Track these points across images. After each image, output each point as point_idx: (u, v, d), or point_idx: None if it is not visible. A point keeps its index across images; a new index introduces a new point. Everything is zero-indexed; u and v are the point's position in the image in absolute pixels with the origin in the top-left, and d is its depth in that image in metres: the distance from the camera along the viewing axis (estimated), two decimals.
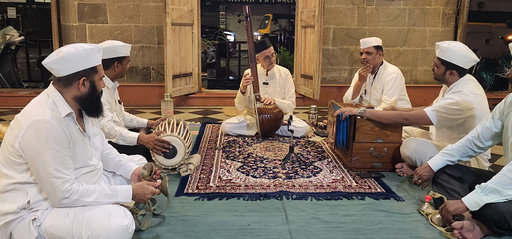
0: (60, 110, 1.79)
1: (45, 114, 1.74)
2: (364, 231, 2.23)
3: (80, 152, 1.88)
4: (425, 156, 2.81)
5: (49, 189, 1.75)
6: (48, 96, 1.82)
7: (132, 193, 1.96)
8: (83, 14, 5.62)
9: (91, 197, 1.82)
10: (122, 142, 2.87)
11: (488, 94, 3.04)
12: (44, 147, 1.71)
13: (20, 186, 1.80)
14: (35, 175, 1.76)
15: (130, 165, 2.25)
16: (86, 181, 1.90)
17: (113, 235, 1.76)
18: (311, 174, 3.06)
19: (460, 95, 2.70)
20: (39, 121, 1.72)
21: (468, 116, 2.70)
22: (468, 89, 2.72)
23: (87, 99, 1.86)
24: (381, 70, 3.78)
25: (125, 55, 2.97)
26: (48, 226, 1.79)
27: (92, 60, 1.83)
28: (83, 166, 1.91)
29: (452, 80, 2.80)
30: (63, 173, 1.75)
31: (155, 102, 5.77)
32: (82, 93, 1.84)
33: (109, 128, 2.83)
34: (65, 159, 1.77)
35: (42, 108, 1.77)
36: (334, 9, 5.87)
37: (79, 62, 1.79)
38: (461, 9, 5.91)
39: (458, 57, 2.71)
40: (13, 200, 1.79)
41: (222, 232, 2.18)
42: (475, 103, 2.69)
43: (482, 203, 2.05)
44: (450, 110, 2.71)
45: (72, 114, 1.84)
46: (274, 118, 3.90)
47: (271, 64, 4.09)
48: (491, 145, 2.43)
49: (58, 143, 1.74)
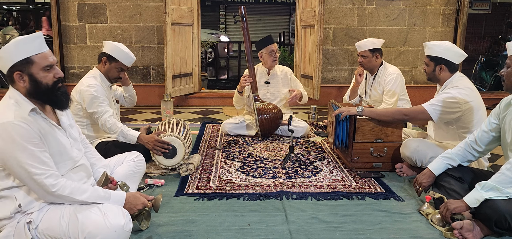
0: (23, 109, 1.74)
1: (7, 116, 1.70)
2: (364, 231, 2.23)
3: (56, 145, 1.83)
4: (426, 156, 2.82)
5: (34, 187, 1.73)
6: (10, 98, 1.77)
7: (125, 199, 1.94)
8: (83, 14, 5.62)
9: (83, 195, 1.81)
10: (123, 139, 2.86)
11: (488, 94, 3.05)
12: (14, 149, 1.67)
13: (6, 193, 1.78)
14: (17, 178, 1.74)
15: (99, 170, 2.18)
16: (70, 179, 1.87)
17: (109, 234, 1.76)
18: (311, 174, 3.06)
19: (457, 90, 2.73)
20: (2, 124, 1.68)
21: (466, 109, 2.71)
22: (463, 84, 2.76)
23: (37, 92, 1.77)
24: (381, 71, 3.78)
25: (117, 58, 2.92)
26: (45, 228, 1.78)
27: (22, 51, 1.71)
28: (64, 160, 1.86)
29: (443, 77, 2.83)
30: (41, 168, 1.71)
31: (155, 102, 5.77)
32: (26, 88, 1.75)
33: (111, 123, 2.82)
34: (40, 154, 1.72)
35: (3, 110, 1.73)
36: (334, 9, 5.87)
37: (9, 56, 1.71)
38: (461, 9, 5.91)
39: (444, 51, 2.77)
40: (3, 208, 1.78)
41: (222, 232, 2.18)
42: (472, 96, 2.72)
43: (481, 198, 2.05)
44: (448, 104, 2.72)
45: (36, 110, 1.78)
46: (274, 118, 3.90)
47: (275, 61, 4.09)
48: (490, 149, 2.43)
49: (27, 141, 1.69)
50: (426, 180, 2.47)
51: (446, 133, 2.89)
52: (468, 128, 2.76)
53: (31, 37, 1.75)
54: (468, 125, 2.75)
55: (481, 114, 2.75)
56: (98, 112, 2.84)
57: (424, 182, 2.47)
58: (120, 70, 2.99)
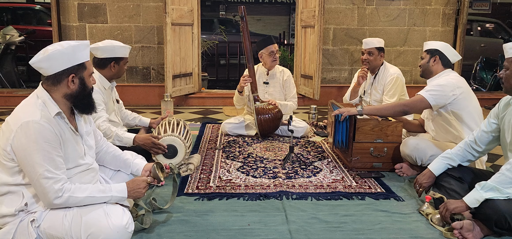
0: (49, 111, 1.77)
1: (34, 115, 1.73)
2: (364, 231, 2.23)
3: (72, 151, 1.86)
4: (425, 153, 2.82)
5: (40, 190, 1.74)
6: (37, 97, 1.80)
7: (126, 188, 1.94)
8: (83, 14, 5.62)
9: (84, 193, 1.81)
10: (118, 142, 2.83)
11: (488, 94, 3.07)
12: (34, 148, 1.70)
13: (15, 189, 1.79)
14: (27, 176, 1.75)
15: (139, 161, 2.27)
16: (79, 180, 1.88)
17: (112, 235, 1.76)
18: (311, 174, 3.06)
19: (447, 77, 2.85)
20: (28, 122, 1.71)
21: (459, 94, 2.77)
22: (452, 75, 2.88)
23: (78, 96, 1.85)
24: (382, 71, 3.78)
25: (123, 56, 2.96)
26: (47, 227, 1.79)
27: (79, 56, 1.81)
28: (76, 165, 1.89)
29: (435, 69, 2.92)
30: (54, 173, 1.73)
31: (155, 102, 5.77)
32: (72, 90, 1.83)
33: (104, 128, 2.81)
34: (56, 159, 1.75)
35: (32, 109, 1.76)
36: (334, 9, 5.87)
37: (66, 59, 1.78)
38: (461, 9, 5.91)
39: (441, 46, 2.92)
40: (9, 203, 1.79)
41: (222, 232, 2.18)
42: (462, 83, 2.82)
43: (481, 199, 2.05)
44: (442, 88, 2.79)
45: (61, 114, 1.82)
46: (273, 119, 3.90)
47: (275, 61, 4.09)
48: (489, 149, 2.43)
49: (48, 143, 1.72)
50: (426, 181, 2.47)
51: (442, 120, 2.89)
52: (462, 115, 2.79)
53: (84, 44, 1.85)
54: (461, 112, 2.79)
55: (474, 105, 2.83)
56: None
57: (424, 183, 2.47)
58: (126, 63, 3.04)
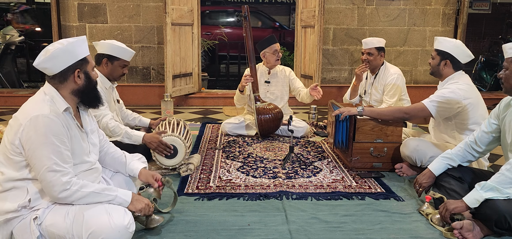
0: (58, 106, 1.81)
1: (44, 109, 1.77)
2: (364, 231, 2.23)
3: (78, 148, 1.89)
4: (425, 155, 2.82)
5: (47, 182, 1.75)
6: (45, 94, 1.84)
7: (132, 197, 1.96)
8: (83, 14, 5.62)
9: (90, 188, 1.83)
10: (127, 140, 2.85)
11: (488, 94, 3.06)
12: (43, 141, 1.73)
13: (20, 184, 1.81)
14: (35, 170, 1.77)
15: (136, 163, 2.27)
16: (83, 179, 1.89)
17: (113, 234, 1.77)
18: (311, 174, 3.06)
19: (456, 85, 2.75)
20: (37, 116, 1.74)
21: (465, 105, 2.72)
22: (463, 80, 2.79)
23: (85, 90, 1.89)
24: (382, 71, 3.78)
25: (119, 57, 2.93)
26: (49, 225, 1.80)
27: (80, 51, 1.85)
28: (81, 162, 1.91)
29: (446, 73, 2.84)
30: (62, 166, 1.76)
31: (155, 102, 5.77)
32: (79, 85, 1.87)
33: (113, 125, 2.82)
34: (64, 153, 1.78)
35: (40, 104, 1.79)
36: (334, 9, 5.87)
37: (69, 56, 1.82)
38: (461, 9, 5.91)
39: (453, 47, 2.80)
40: (13, 199, 1.80)
41: (222, 232, 2.18)
42: (471, 93, 2.74)
43: (481, 199, 2.05)
44: (448, 100, 2.73)
45: (69, 110, 1.86)
46: (274, 119, 3.90)
47: (278, 60, 4.10)
48: (490, 150, 2.43)
49: (56, 137, 1.75)
50: (426, 181, 2.47)
51: (445, 128, 2.89)
52: (466, 124, 2.76)
53: (82, 39, 1.90)
54: (466, 122, 2.76)
55: (481, 113, 2.76)
56: (97, 115, 2.83)
57: (424, 183, 2.47)
58: (123, 66, 3.00)
